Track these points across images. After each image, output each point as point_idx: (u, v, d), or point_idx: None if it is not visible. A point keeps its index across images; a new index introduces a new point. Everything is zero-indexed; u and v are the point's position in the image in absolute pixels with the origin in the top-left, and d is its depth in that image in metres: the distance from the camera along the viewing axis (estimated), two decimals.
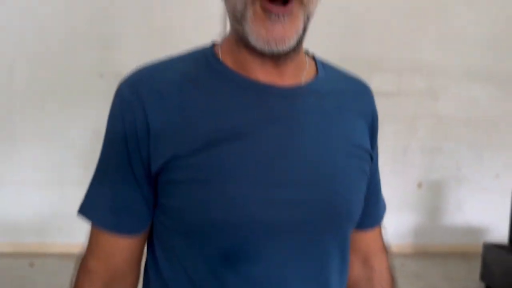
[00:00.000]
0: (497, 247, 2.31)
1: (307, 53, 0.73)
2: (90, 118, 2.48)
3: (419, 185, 2.93)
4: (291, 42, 0.60)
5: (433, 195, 2.98)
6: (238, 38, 0.64)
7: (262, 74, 0.65)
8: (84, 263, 0.64)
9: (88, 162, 0.70)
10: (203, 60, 0.67)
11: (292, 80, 0.66)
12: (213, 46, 0.69)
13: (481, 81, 2.92)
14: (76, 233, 1.22)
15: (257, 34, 0.59)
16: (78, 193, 0.69)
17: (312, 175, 0.63)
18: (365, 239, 0.74)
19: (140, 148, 0.61)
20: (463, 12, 2.85)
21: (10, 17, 2.35)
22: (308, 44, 0.70)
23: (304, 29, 0.63)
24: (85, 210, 0.62)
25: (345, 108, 0.70)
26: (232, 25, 0.64)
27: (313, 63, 0.72)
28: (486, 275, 2.31)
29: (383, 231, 0.79)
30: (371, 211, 0.73)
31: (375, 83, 2.74)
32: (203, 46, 0.69)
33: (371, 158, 0.71)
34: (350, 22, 2.75)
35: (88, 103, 2.50)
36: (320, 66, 0.73)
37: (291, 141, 0.63)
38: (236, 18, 0.62)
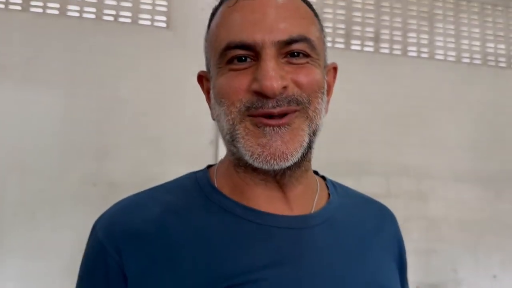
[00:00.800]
0: None
1: (315, 173, 0.64)
2: (80, 227, 2.44)
3: None
4: (294, 157, 0.50)
5: None
6: (235, 159, 0.55)
7: (265, 201, 0.54)
8: None
9: (75, 273, 0.66)
10: (195, 188, 0.56)
11: (301, 208, 0.55)
12: (208, 170, 0.60)
13: (468, 182, 2.98)
14: None
15: (252, 153, 0.50)
16: None
17: None
18: None
19: None
20: (444, 117, 2.99)
21: (4, 129, 2.41)
22: None
23: (310, 146, 0.54)
24: None
25: (366, 241, 0.57)
26: (226, 146, 0.56)
27: (323, 184, 0.62)
28: None
29: None
30: None
31: (364, 186, 2.79)
32: (196, 171, 0.60)
33: None
34: (337, 128, 2.86)
35: (80, 212, 2.49)
36: (332, 188, 0.61)
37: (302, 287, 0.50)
38: (227, 139, 0.54)
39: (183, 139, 2.57)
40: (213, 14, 0.61)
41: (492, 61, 3.12)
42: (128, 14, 2.56)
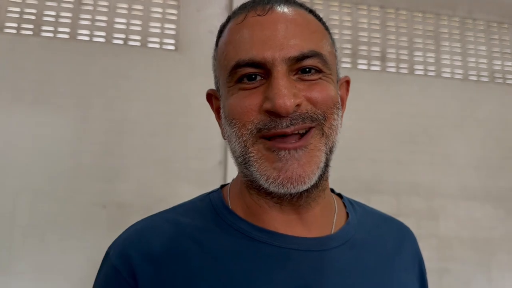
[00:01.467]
0: None
1: (332, 191, 0.61)
2: (89, 249, 2.45)
3: None
4: (311, 180, 0.48)
5: None
6: (247, 181, 0.52)
7: (281, 224, 0.51)
8: None
9: None
10: (210, 211, 0.54)
11: (319, 229, 0.52)
12: (221, 190, 0.57)
13: (478, 200, 2.96)
14: None
15: (267, 177, 0.47)
16: None
17: None
18: None
19: None
20: (453, 135, 2.98)
21: (15, 153, 2.43)
22: None
23: (327, 164, 0.51)
24: None
25: (388, 262, 0.55)
26: (238, 168, 0.53)
27: (340, 203, 0.59)
28: None
29: None
30: None
31: (374, 205, 2.77)
32: (210, 192, 0.58)
33: None
34: (344, 147, 2.85)
35: (89, 234, 2.49)
36: (349, 206, 0.59)
37: None
38: (240, 161, 0.51)
39: (192, 159, 2.58)
40: (221, 31, 0.59)
41: (500, 78, 3.12)
42: (137, 37, 2.60)
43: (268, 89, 0.49)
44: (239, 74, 0.52)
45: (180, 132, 2.60)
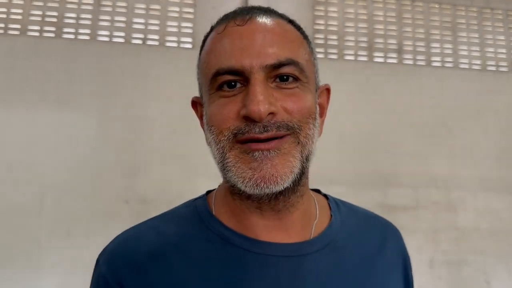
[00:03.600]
0: None
1: (318, 192, 0.62)
2: None
3: None
4: (284, 182, 0.49)
5: None
6: (229, 186, 0.54)
7: (263, 230, 0.53)
8: None
9: None
10: (195, 217, 0.56)
11: (299, 234, 0.54)
12: (207, 197, 0.60)
13: (498, 191, 2.94)
14: None
15: (243, 178, 0.50)
16: None
17: None
18: None
19: None
20: (471, 126, 2.96)
21: (41, 152, 2.50)
22: (321, 161, 0.64)
23: (303, 171, 0.53)
24: None
25: (370, 262, 0.56)
26: (221, 173, 0.56)
27: (325, 205, 0.60)
28: None
29: None
30: None
31: (392, 198, 2.79)
32: (195, 198, 0.60)
33: None
34: (362, 140, 2.87)
35: (113, 230, 2.54)
36: (335, 209, 0.60)
37: None
38: (219, 167, 0.53)
39: (210, 155, 2.60)
40: (204, 41, 0.61)
41: None
42: (156, 36, 2.65)
43: (246, 96, 0.51)
44: (219, 82, 0.54)
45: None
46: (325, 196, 0.63)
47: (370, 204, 2.69)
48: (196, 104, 0.66)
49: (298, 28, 0.60)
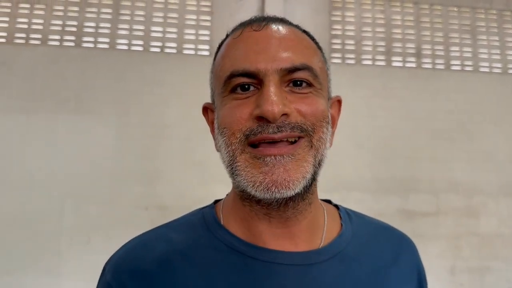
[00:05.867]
0: None
1: (329, 202, 0.62)
2: None
3: None
4: (296, 187, 0.49)
5: None
6: (239, 192, 0.54)
7: (271, 237, 0.52)
8: None
9: None
10: (202, 226, 0.56)
11: (307, 243, 0.53)
12: (215, 206, 0.59)
13: None
14: None
15: (254, 182, 0.49)
16: None
17: None
18: None
19: None
20: (492, 130, 2.91)
21: (61, 159, 2.54)
22: (339, 168, 0.63)
23: (314, 177, 0.52)
24: None
25: (382, 274, 0.54)
26: (231, 180, 0.55)
27: (336, 215, 0.59)
28: None
29: None
30: None
31: (412, 204, 2.75)
32: (203, 207, 0.60)
33: None
34: (381, 145, 2.84)
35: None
36: (346, 219, 0.59)
37: None
38: (228, 171, 0.53)
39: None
40: (219, 47, 0.62)
41: None
42: (173, 44, 2.67)
43: (259, 97, 0.51)
44: (233, 84, 0.54)
45: None
46: (336, 206, 0.63)
47: (389, 210, 2.67)
48: (207, 110, 0.66)
49: (312, 38, 0.61)
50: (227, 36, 0.60)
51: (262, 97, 0.51)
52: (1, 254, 2.49)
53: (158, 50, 2.66)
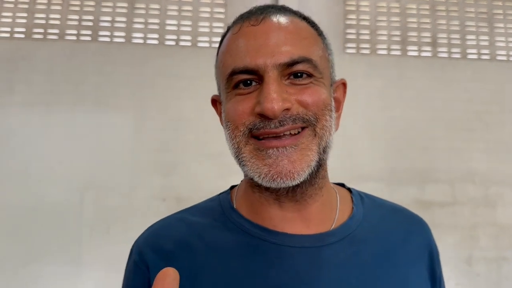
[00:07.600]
0: None
1: (342, 186, 0.63)
2: None
3: None
4: (300, 176, 0.50)
5: None
6: (249, 179, 0.56)
7: (281, 221, 0.54)
8: None
9: None
10: (218, 210, 0.59)
11: (318, 226, 0.55)
12: (230, 191, 0.62)
13: None
14: None
15: (259, 173, 0.51)
16: None
17: None
18: None
19: None
20: (508, 120, 2.88)
21: (80, 152, 2.59)
22: (355, 158, 0.63)
23: (320, 164, 0.53)
24: None
25: (391, 255, 0.55)
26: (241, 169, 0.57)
27: (348, 198, 0.61)
28: None
29: None
30: None
31: (429, 194, 2.75)
32: (221, 192, 0.63)
33: None
34: (397, 136, 2.83)
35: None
36: (358, 202, 0.60)
37: None
38: (236, 161, 0.55)
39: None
40: (220, 41, 0.64)
41: None
42: (188, 37, 2.69)
43: (260, 94, 0.53)
44: (235, 81, 0.55)
45: None
46: (349, 189, 0.64)
47: (406, 200, 2.66)
48: (215, 102, 0.68)
49: (313, 24, 0.61)
50: (228, 29, 0.62)
51: (262, 94, 0.52)
52: (24, 245, 2.56)
53: (173, 43, 2.68)
